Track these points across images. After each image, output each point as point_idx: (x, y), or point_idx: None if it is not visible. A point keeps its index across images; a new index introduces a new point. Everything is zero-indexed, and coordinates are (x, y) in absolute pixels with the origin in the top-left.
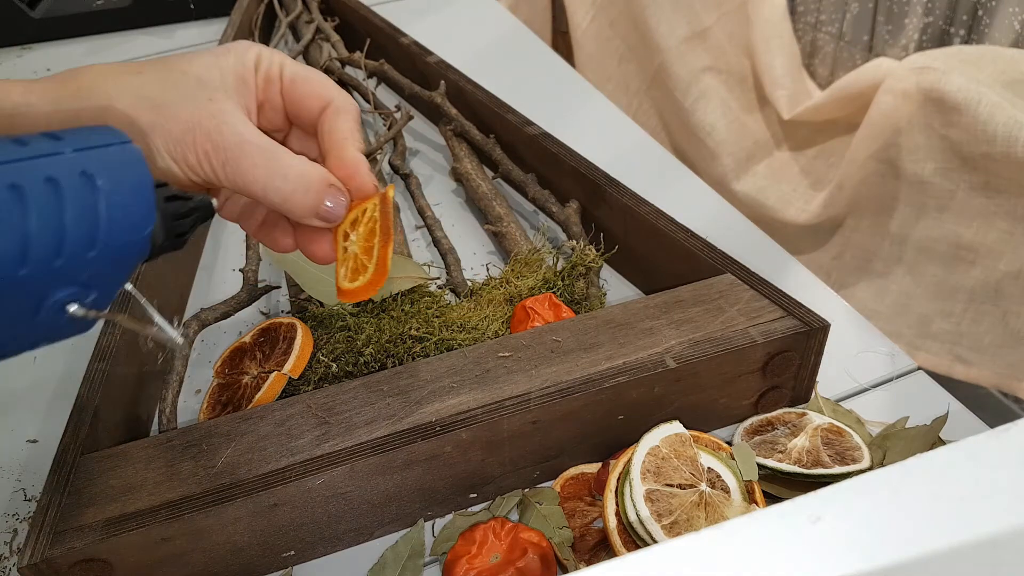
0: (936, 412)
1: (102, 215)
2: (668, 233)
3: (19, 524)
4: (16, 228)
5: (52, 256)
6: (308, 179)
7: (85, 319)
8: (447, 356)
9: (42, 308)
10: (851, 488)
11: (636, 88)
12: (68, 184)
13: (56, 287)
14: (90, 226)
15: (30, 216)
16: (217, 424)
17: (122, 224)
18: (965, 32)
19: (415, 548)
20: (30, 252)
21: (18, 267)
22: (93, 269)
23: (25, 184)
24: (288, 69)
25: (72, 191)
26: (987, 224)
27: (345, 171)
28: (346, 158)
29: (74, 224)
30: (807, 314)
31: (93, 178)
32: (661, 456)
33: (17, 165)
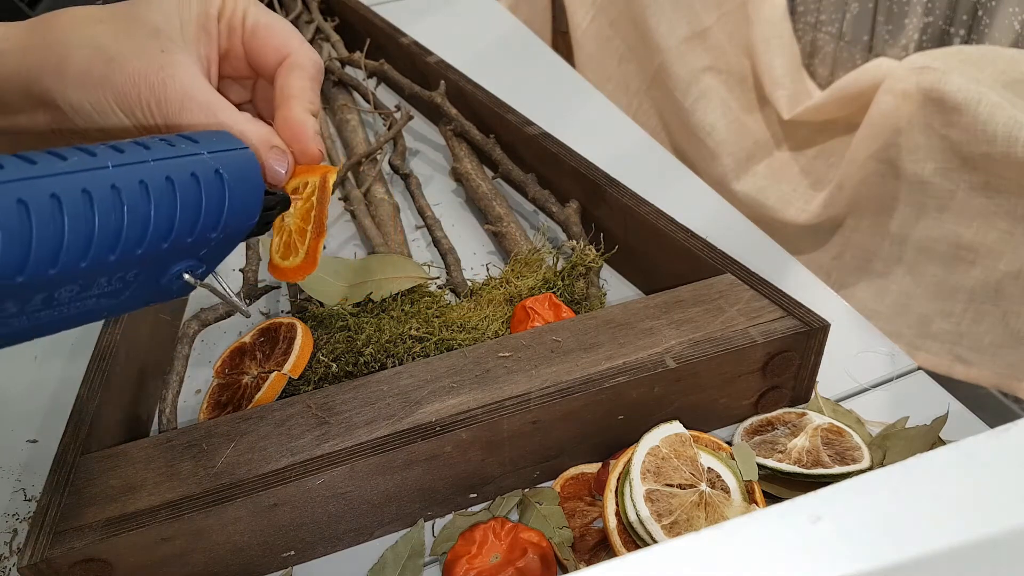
0: (936, 412)
1: (227, 205)
2: (668, 233)
3: (19, 524)
4: (168, 212)
5: (187, 235)
6: (247, 138)
7: (191, 285)
8: (447, 356)
9: (166, 275)
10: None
11: (636, 88)
12: (205, 179)
13: (181, 259)
14: (217, 213)
15: (178, 203)
16: (217, 424)
17: (239, 213)
18: (965, 32)
19: (415, 548)
20: (174, 231)
21: (163, 242)
22: (210, 247)
23: (176, 178)
24: (251, 17)
25: (208, 185)
26: (987, 224)
27: (289, 132)
28: (291, 119)
29: (207, 211)
30: (807, 314)
31: (223, 176)
32: (661, 456)
33: (171, 162)
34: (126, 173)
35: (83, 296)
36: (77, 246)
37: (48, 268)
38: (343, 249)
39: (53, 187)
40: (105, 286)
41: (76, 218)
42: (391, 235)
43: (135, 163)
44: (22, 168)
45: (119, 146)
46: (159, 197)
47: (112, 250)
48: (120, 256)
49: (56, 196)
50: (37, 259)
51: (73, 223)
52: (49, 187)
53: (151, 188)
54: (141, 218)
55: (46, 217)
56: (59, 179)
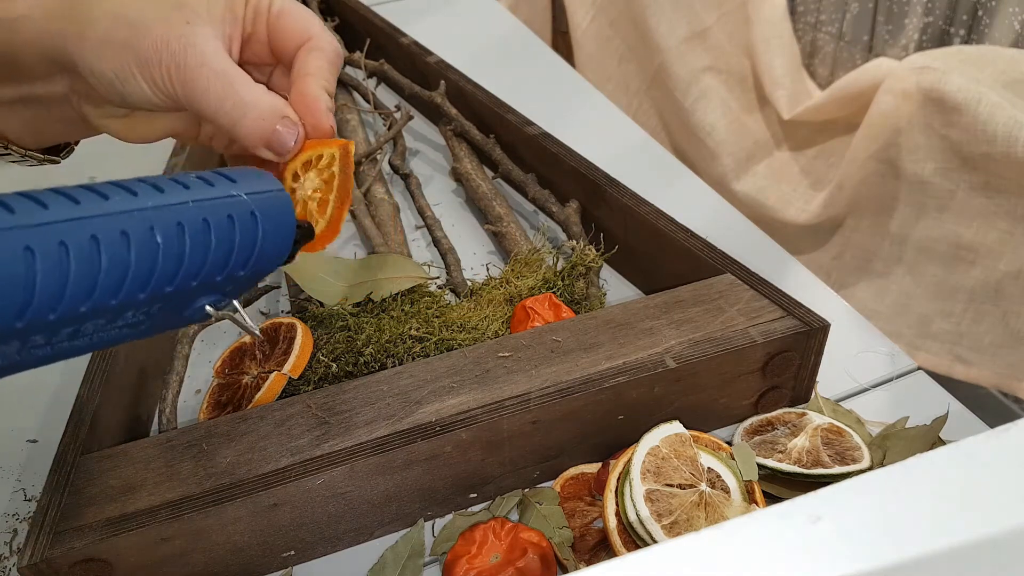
0: (936, 412)
1: (258, 246)
2: (668, 233)
3: (19, 524)
4: (202, 253)
5: (217, 273)
6: (260, 107)
7: (209, 315)
8: (447, 356)
9: (190, 309)
10: (851, 488)
11: (636, 88)
12: (241, 221)
13: (207, 295)
14: (249, 253)
15: (212, 244)
16: (217, 424)
17: (269, 254)
18: (965, 32)
19: (415, 548)
20: (204, 270)
21: (193, 280)
22: (237, 284)
23: (212, 220)
24: (277, 4)
25: (243, 226)
26: (987, 224)
27: (303, 105)
28: (306, 93)
29: (239, 251)
30: (807, 314)
31: (257, 218)
32: (661, 456)
33: (209, 204)
34: (165, 215)
35: (107, 328)
36: (110, 286)
37: (80, 306)
38: (343, 249)
39: (94, 228)
40: (130, 319)
41: (113, 259)
42: (391, 235)
43: (174, 204)
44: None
45: (159, 184)
46: (195, 238)
47: (143, 289)
48: (150, 294)
49: (96, 238)
50: (71, 298)
51: (110, 264)
52: (90, 228)
53: (188, 230)
54: (175, 258)
55: (84, 258)
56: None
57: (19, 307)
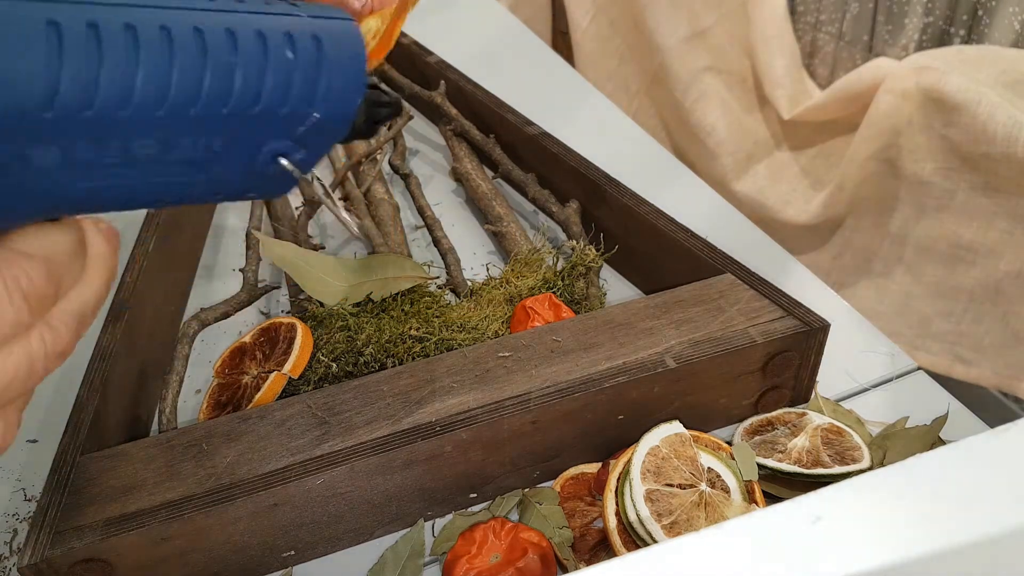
0: (936, 412)
1: (323, 77)
2: (668, 233)
3: (19, 524)
4: (257, 70)
5: (279, 103)
6: None
7: (290, 175)
8: (447, 356)
9: (260, 154)
10: (851, 488)
11: (636, 88)
12: (301, 42)
13: (274, 136)
14: (313, 84)
15: (268, 62)
16: (217, 424)
17: (338, 91)
18: (965, 32)
19: (415, 548)
20: (263, 93)
21: (252, 105)
22: (307, 127)
23: (268, 35)
24: None
25: (304, 50)
26: (987, 224)
27: None
28: None
29: (301, 78)
30: (807, 314)
31: (321, 42)
32: (661, 456)
33: (265, 16)
34: (212, 19)
35: (166, 159)
36: (152, 88)
37: (119, 108)
38: (343, 249)
39: (131, 16)
40: (189, 150)
41: (151, 55)
42: (391, 235)
43: (224, 11)
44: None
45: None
46: (247, 51)
47: (192, 102)
48: (201, 111)
49: (132, 26)
50: (105, 94)
51: (148, 60)
52: (126, 15)
53: (239, 39)
54: (225, 70)
55: (118, 48)
56: (137, 10)
57: (44, 91)
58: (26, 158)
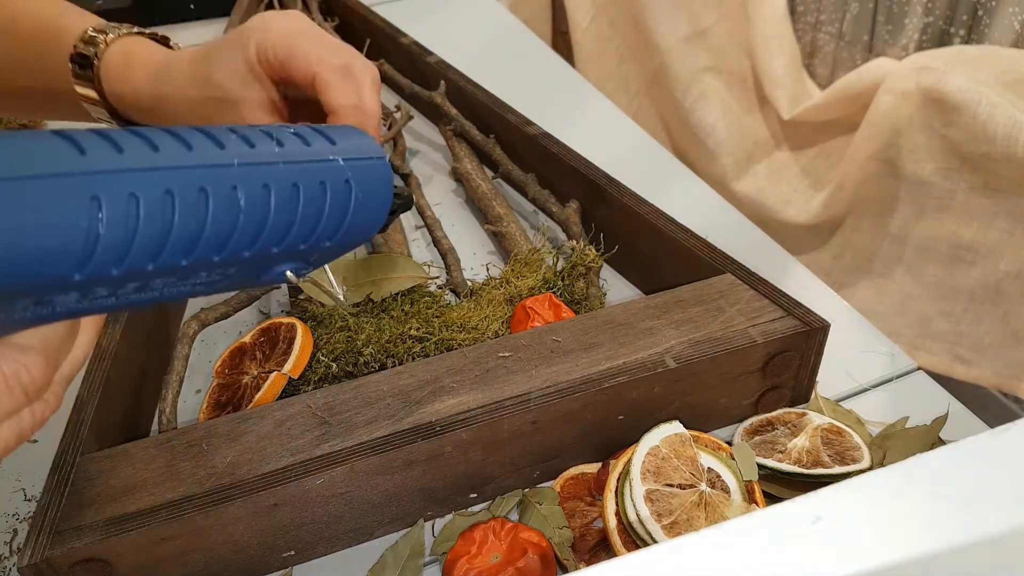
0: (936, 412)
1: (348, 218)
2: (668, 233)
3: (19, 524)
4: (287, 219)
5: (301, 242)
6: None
7: (292, 283)
8: (447, 356)
9: (269, 273)
10: (851, 488)
11: (636, 88)
12: (333, 189)
13: (289, 262)
14: (336, 225)
15: (300, 210)
16: (217, 424)
17: (359, 227)
18: (965, 32)
19: (415, 548)
20: (288, 238)
21: (274, 247)
22: (321, 254)
23: (303, 185)
24: (279, 51)
25: (335, 196)
26: (987, 224)
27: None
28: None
29: (326, 221)
30: (807, 314)
31: (351, 187)
32: (661, 456)
33: (301, 167)
34: (251, 174)
35: (178, 284)
36: (182, 246)
37: (148, 263)
38: None
39: (170, 182)
40: (204, 278)
41: (187, 218)
42: (391, 235)
43: (264, 164)
44: (143, 155)
45: (250, 138)
46: (281, 203)
47: (218, 252)
48: (225, 258)
49: (171, 192)
50: (137, 255)
51: (183, 223)
52: (166, 181)
53: (274, 193)
54: (256, 223)
55: (156, 214)
56: (178, 173)
57: (78, 260)
58: (46, 302)
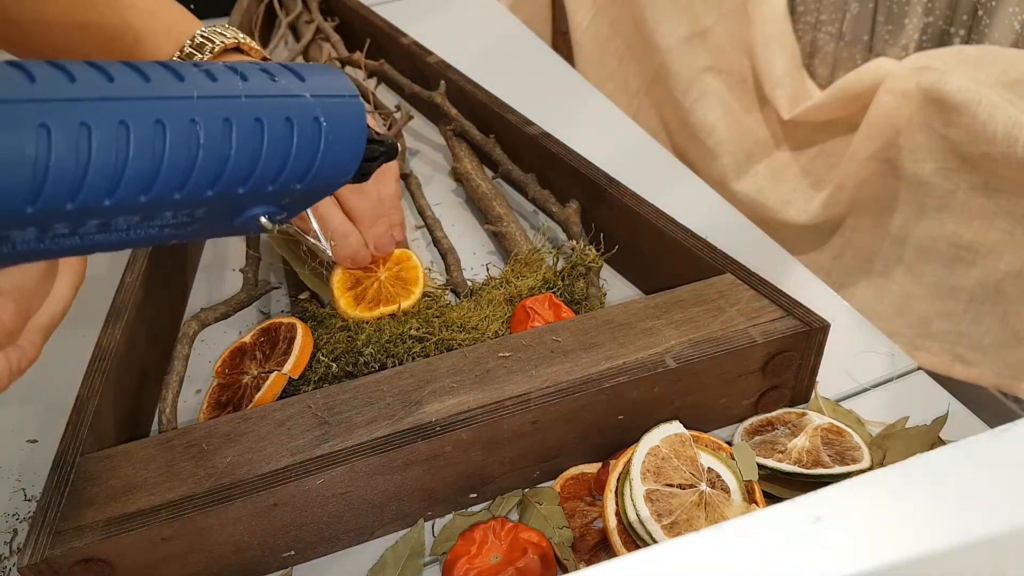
0: (936, 412)
1: (319, 158)
2: (668, 233)
3: (19, 524)
4: (251, 155)
5: (268, 183)
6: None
7: (268, 229)
8: (447, 356)
9: (241, 217)
10: (851, 488)
11: (636, 88)
12: (301, 126)
13: (259, 205)
14: (306, 165)
15: (264, 147)
16: (217, 424)
17: (332, 168)
18: (965, 32)
19: (415, 548)
20: (253, 177)
21: (239, 187)
22: (294, 197)
23: (267, 120)
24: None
25: (302, 133)
26: (987, 224)
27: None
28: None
29: (295, 160)
30: (807, 314)
31: (321, 125)
32: (661, 456)
33: (266, 101)
34: (211, 107)
35: (144, 225)
36: (138, 180)
37: (103, 198)
38: None
39: (125, 113)
40: (170, 219)
41: (142, 150)
42: None
43: (225, 97)
44: (96, 85)
45: (213, 72)
46: (243, 139)
47: (179, 189)
48: (186, 196)
49: (125, 124)
50: (91, 189)
51: (138, 157)
52: (121, 112)
53: (236, 128)
54: (217, 159)
55: (108, 145)
56: (134, 105)
57: (28, 191)
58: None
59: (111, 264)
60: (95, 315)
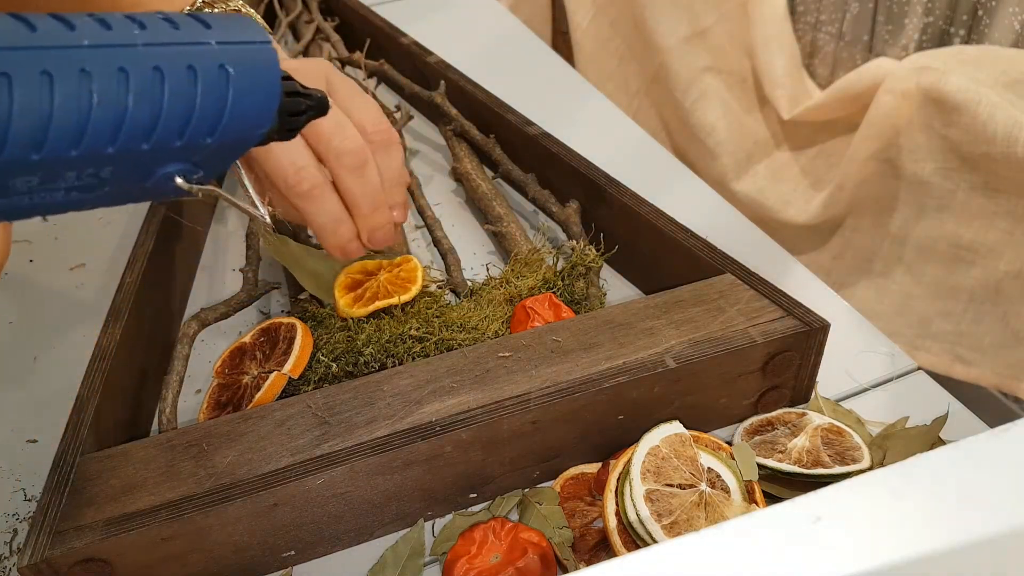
0: (936, 412)
1: (227, 108)
2: (668, 233)
3: (19, 524)
4: (151, 107)
5: (174, 137)
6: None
7: (188, 191)
8: (447, 356)
9: (153, 176)
10: (851, 488)
11: (636, 88)
12: (205, 75)
13: (170, 162)
14: (214, 117)
15: (165, 99)
16: (217, 424)
17: (243, 120)
18: (965, 32)
19: (415, 548)
20: (157, 131)
21: (143, 142)
22: (207, 153)
23: (167, 69)
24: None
25: (207, 83)
26: (987, 224)
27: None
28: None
29: (201, 112)
30: (807, 314)
31: (228, 73)
32: (661, 456)
33: (166, 49)
34: (103, 56)
35: (47, 188)
36: (28, 136)
37: None
38: None
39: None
40: (74, 181)
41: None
42: None
43: (119, 46)
44: None
45: (107, 20)
46: (141, 90)
47: (75, 145)
48: (84, 152)
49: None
50: None
51: (23, 110)
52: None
53: (132, 78)
54: (114, 112)
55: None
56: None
57: None
58: None
59: (111, 264)
60: (95, 315)
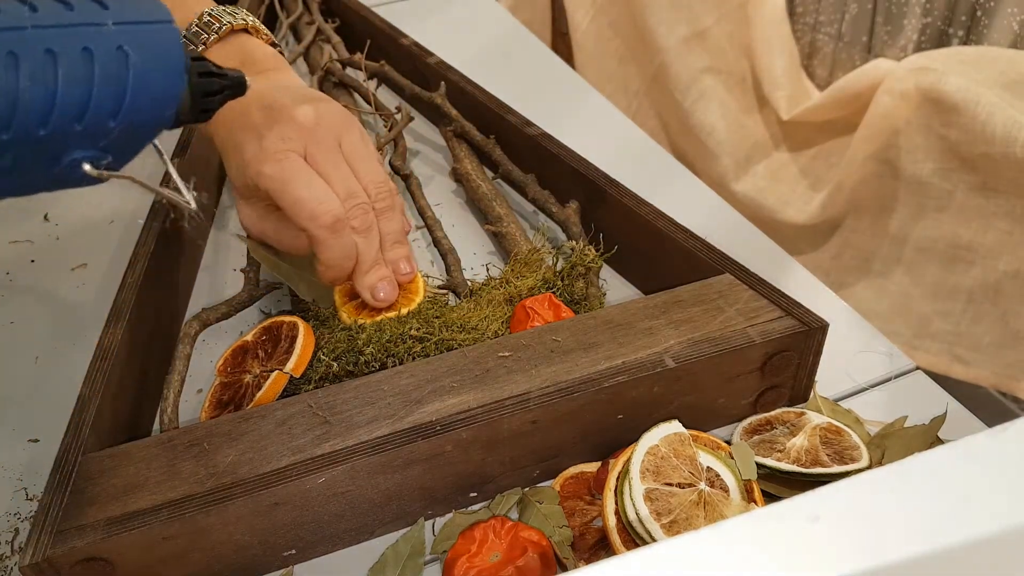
0: (935, 412)
1: (129, 90)
2: (668, 233)
3: (20, 523)
4: (45, 91)
5: (73, 121)
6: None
7: (99, 178)
8: (447, 356)
9: (59, 164)
10: (850, 487)
11: (636, 88)
12: (102, 57)
13: (74, 148)
14: (116, 99)
15: (59, 82)
16: (218, 423)
17: (148, 101)
18: (964, 33)
19: (415, 547)
20: (53, 115)
21: (39, 127)
22: (112, 137)
23: (60, 51)
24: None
25: (104, 64)
26: (986, 224)
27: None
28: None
29: (100, 95)
30: (806, 314)
31: (127, 54)
32: (660, 455)
33: (58, 31)
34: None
35: None
36: None
37: None
38: None
39: None
40: None
41: None
42: None
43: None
44: None
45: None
46: (32, 74)
47: None
48: None
49: None
50: None
51: None
52: None
53: (22, 62)
54: (5, 98)
55: None
56: None
57: None
58: None
59: (113, 264)
60: (97, 315)
